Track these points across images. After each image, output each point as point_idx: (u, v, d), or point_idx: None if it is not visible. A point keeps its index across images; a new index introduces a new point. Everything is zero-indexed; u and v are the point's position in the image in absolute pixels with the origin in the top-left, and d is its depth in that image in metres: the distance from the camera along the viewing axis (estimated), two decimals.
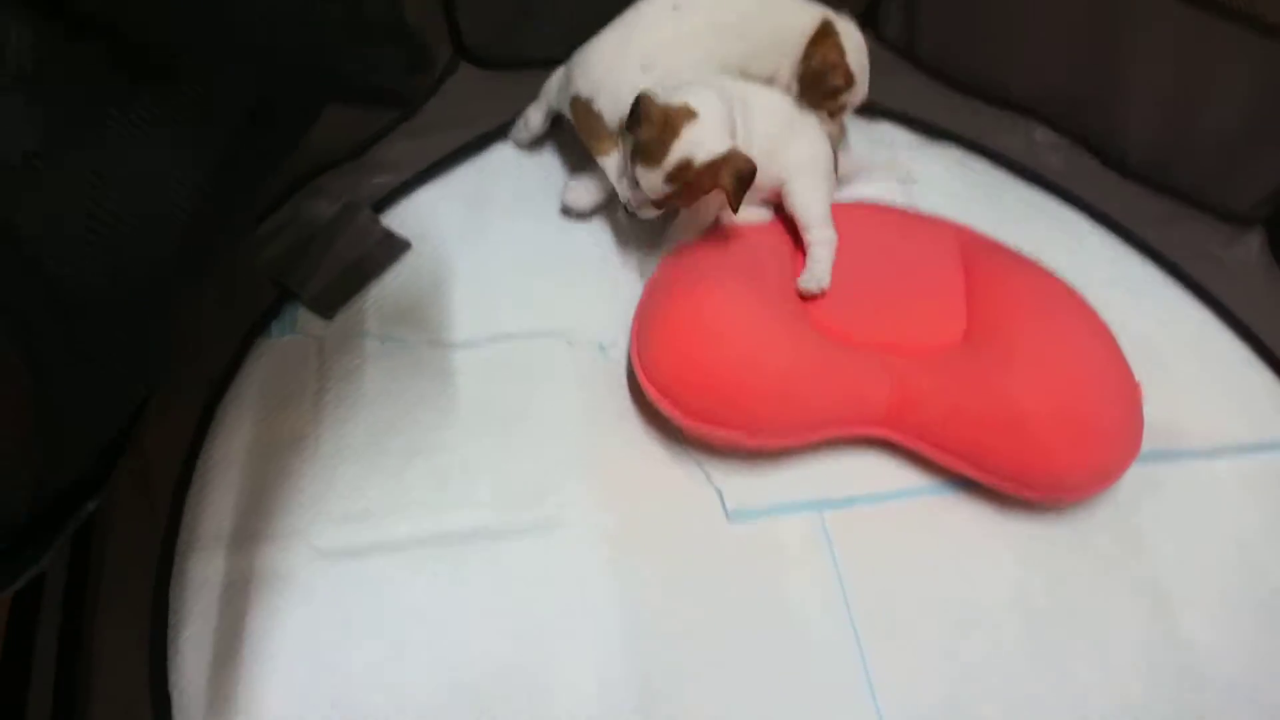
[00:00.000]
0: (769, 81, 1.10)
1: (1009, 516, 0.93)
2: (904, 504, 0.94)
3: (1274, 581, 0.92)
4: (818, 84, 1.07)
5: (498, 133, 1.19)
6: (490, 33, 1.20)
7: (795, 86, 1.09)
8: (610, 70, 1.02)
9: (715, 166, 0.92)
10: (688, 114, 0.91)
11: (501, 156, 1.18)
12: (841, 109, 1.11)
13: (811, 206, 1.02)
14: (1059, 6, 1.13)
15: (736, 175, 0.91)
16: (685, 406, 0.89)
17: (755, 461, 0.94)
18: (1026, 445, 0.88)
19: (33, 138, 0.45)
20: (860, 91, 1.11)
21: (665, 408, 0.90)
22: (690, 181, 0.93)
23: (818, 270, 0.99)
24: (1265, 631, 0.89)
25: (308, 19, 0.54)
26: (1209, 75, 1.07)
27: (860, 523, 0.92)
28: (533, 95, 1.15)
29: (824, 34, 1.07)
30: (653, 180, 0.93)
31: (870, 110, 1.25)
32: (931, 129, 1.25)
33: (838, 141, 1.15)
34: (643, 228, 1.08)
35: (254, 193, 0.64)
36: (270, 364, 0.98)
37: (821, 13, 1.08)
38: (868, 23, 1.31)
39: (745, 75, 1.07)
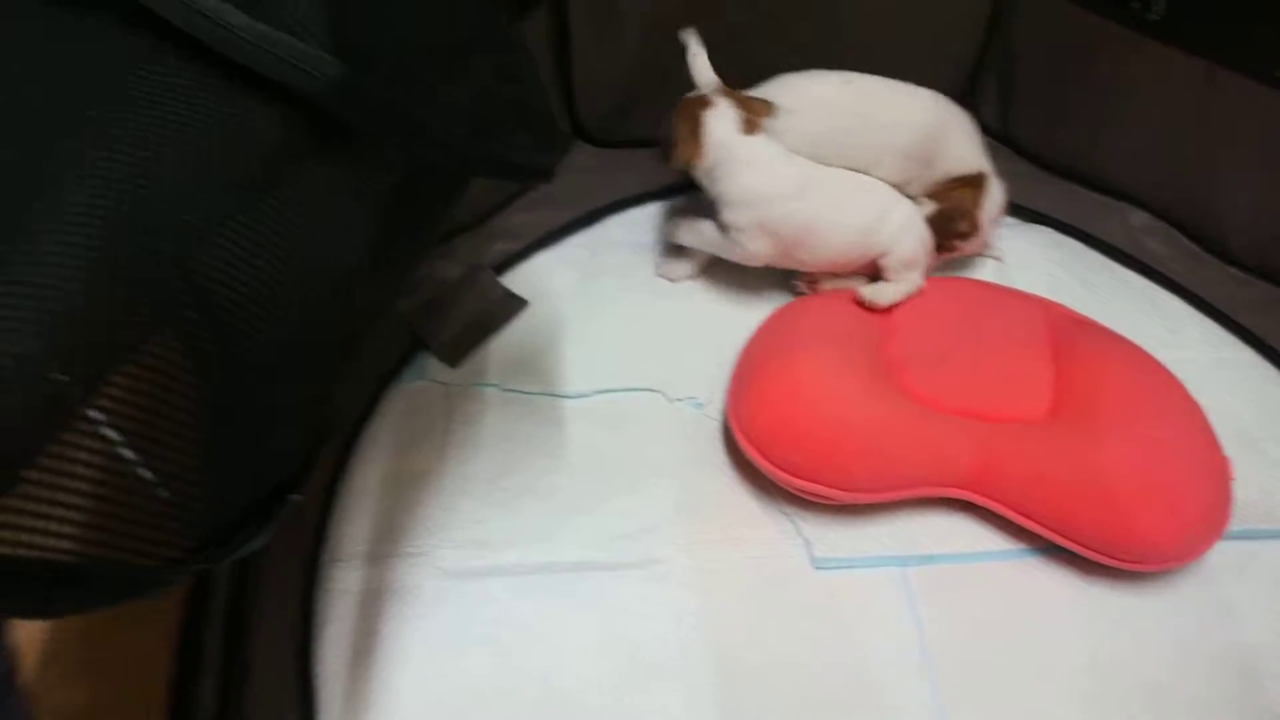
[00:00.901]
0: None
1: (1092, 583, 0.98)
2: (986, 565, 1.00)
3: None
4: (944, 222, 1.18)
5: (608, 208, 1.34)
6: (604, 114, 1.37)
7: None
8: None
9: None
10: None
11: (610, 229, 1.33)
12: (952, 250, 1.21)
13: (905, 258, 1.14)
14: (1153, 93, 1.21)
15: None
16: (778, 461, 0.99)
17: (842, 514, 1.02)
18: (1110, 513, 0.93)
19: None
20: (977, 245, 1.21)
21: (759, 461, 1.00)
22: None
23: (886, 290, 1.12)
24: None
25: (482, 106, 0.67)
26: None
27: (943, 580, 0.99)
28: (642, 173, 1.30)
29: (972, 182, 1.18)
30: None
31: None
32: (1026, 211, 1.34)
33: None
34: (738, 295, 1.24)
35: (417, 252, 0.76)
36: (403, 406, 1.12)
37: (981, 164, 1.19)
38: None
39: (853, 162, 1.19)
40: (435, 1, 0.61)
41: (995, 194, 1.20)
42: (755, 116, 1.13)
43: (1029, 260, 1.30)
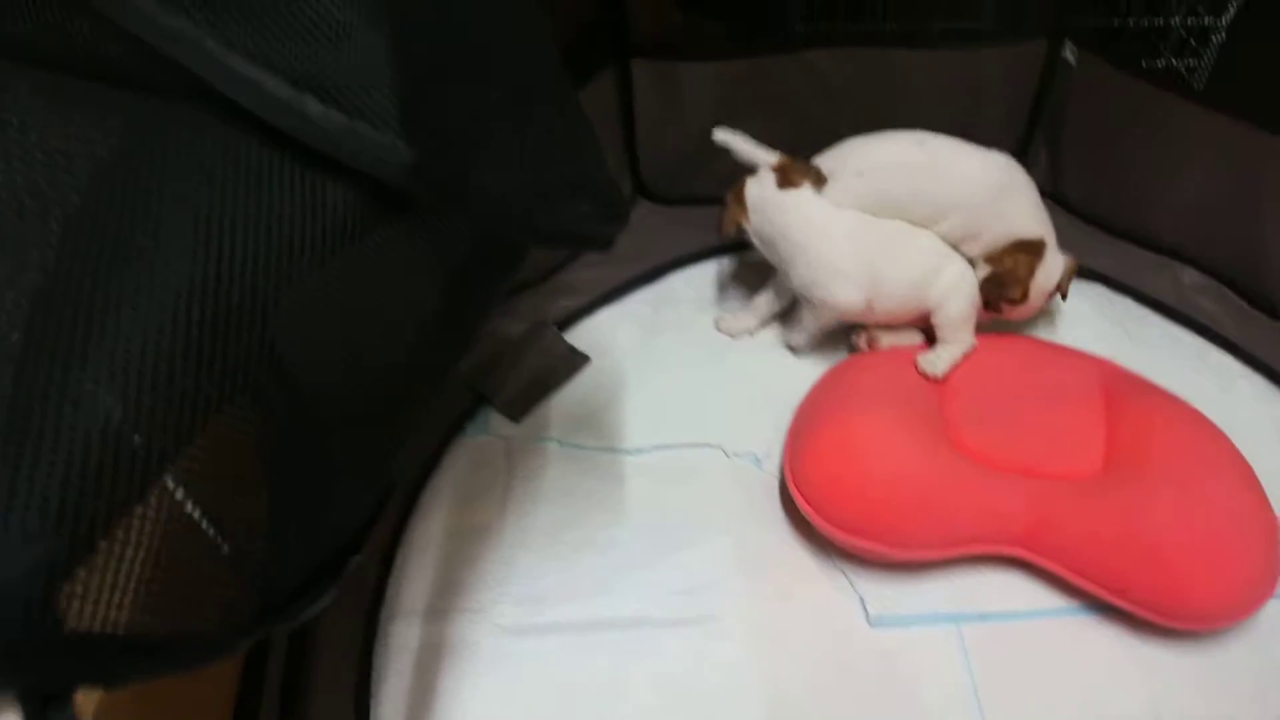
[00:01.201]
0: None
1: (1145, 642, 0.97)
2: (1040, 624, 0.99)
3: None
4: (995, 288, 1.16)
5: (670, 265, 1.36)
6: (666, 173, 1.38)
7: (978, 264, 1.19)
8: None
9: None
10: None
11: (673, 286, 1.35)
12: (999, 313, 1.19)
13: (955, 317, 1.14)
14: (1200, 155, 1.21)
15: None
16: (834, 519, 0.99)
17: (897, 572, 1.02)
18: (1161, 573, 0.93)
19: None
20: (1026, 312, 1.20)
21: (815, 519, 1.01)
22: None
23: (941, 358, 1.12)
24: None
25: (545, 177, 0.67)
26: None
27: (997, 638, 0.98)
28: (704, 229, 1.30)
29: (1030, 248, 1.16)
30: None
31: None
32: (1079, 269, 1.32)
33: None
34: (795, 359, 1.25)
35: (479, 315, 0.76)
36: (465, 460, 1.14)
37: (1042, 232, 1.18)
38: None
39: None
40: (503, 75, 0.61)
41: (1053, 264, 1.18)
42: (795, 176, 1.15)
43: (1081, 316, 1.30)
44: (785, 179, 1.15)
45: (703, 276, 1.36)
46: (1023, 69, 1.31)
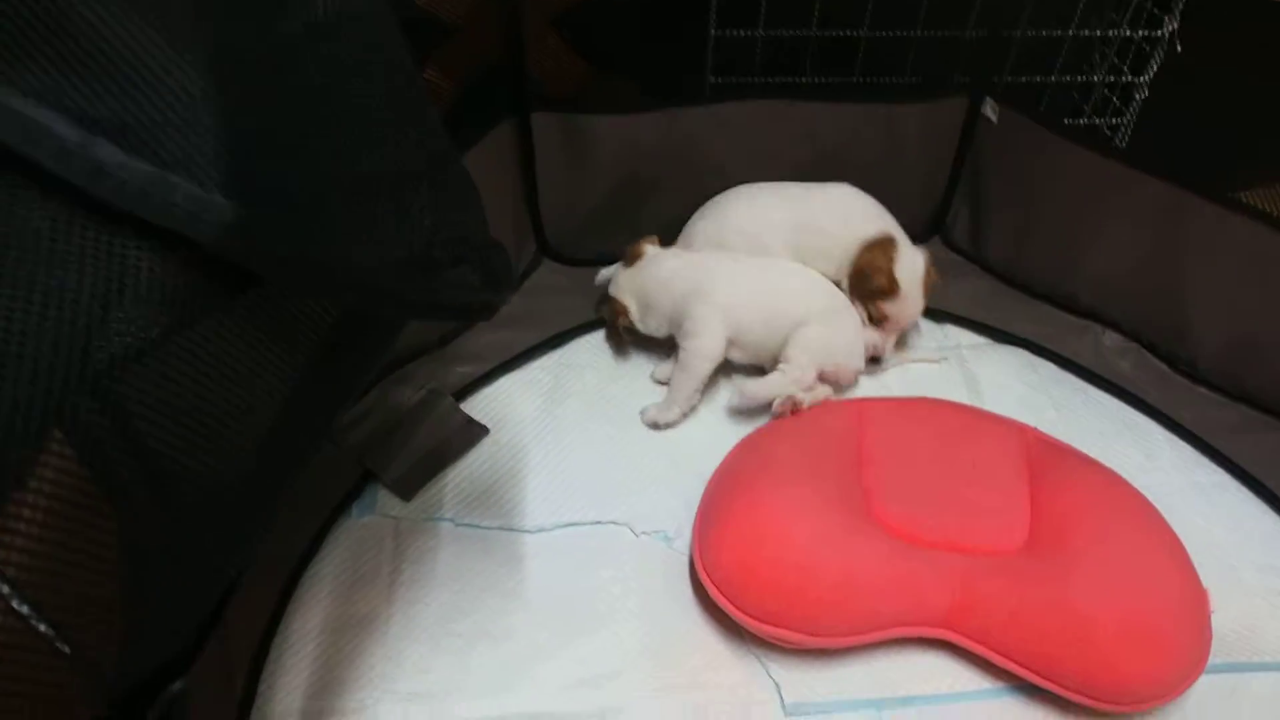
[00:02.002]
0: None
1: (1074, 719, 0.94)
2: (965, 707, 0.95)
3: None
4: (861, 280, 1.22)
5: (574, 330, 1.31)
6: (570, 231, 1.35)
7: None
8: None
9: (606, 297, 1.26)
10: (634, 256, 1.25)
11: (576, 351, 1.30)
12: (885, 319, 1.23)
13: (793, 365, 1.17)
14: (1120, 215, 1.22)
15: (610, 315, 1.24)
16: (744, 606, 0.95)
17: (815, 656, 0.98)
18: (1090, 655, 0.90)
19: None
20: (907, 311, 1.23)
21: (725, 605, 0.96)
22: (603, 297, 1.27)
23: (766, 385, 1.16)
24: None
25: (415, 243, 0.63)
26: (1274, 286, 1.14)
27: None
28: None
29: (880, 243, 1.21)
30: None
31: (936, 313, 1.35)
32: (998, 332, 1.33)
33: (881, 351, 1.26)
34: (709, 422, 1.21)
35: (345, 397, 0.71)
36: (349, 543, 1.07)
37: (887, 229, 1.22)
38: (936, 230, 1.43)
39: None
40: (360, 130, 0.56)
41: (913, 258, 1.24)
42: (635, 251, 1.25)
43: (1002, 382, 1.29)
44: (633, 254, 1.24)
45: (605, 343, 1.33)
46: (942, 126, 1.32)
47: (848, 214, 1.26)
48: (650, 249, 1.25)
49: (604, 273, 1.30)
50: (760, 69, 1.27)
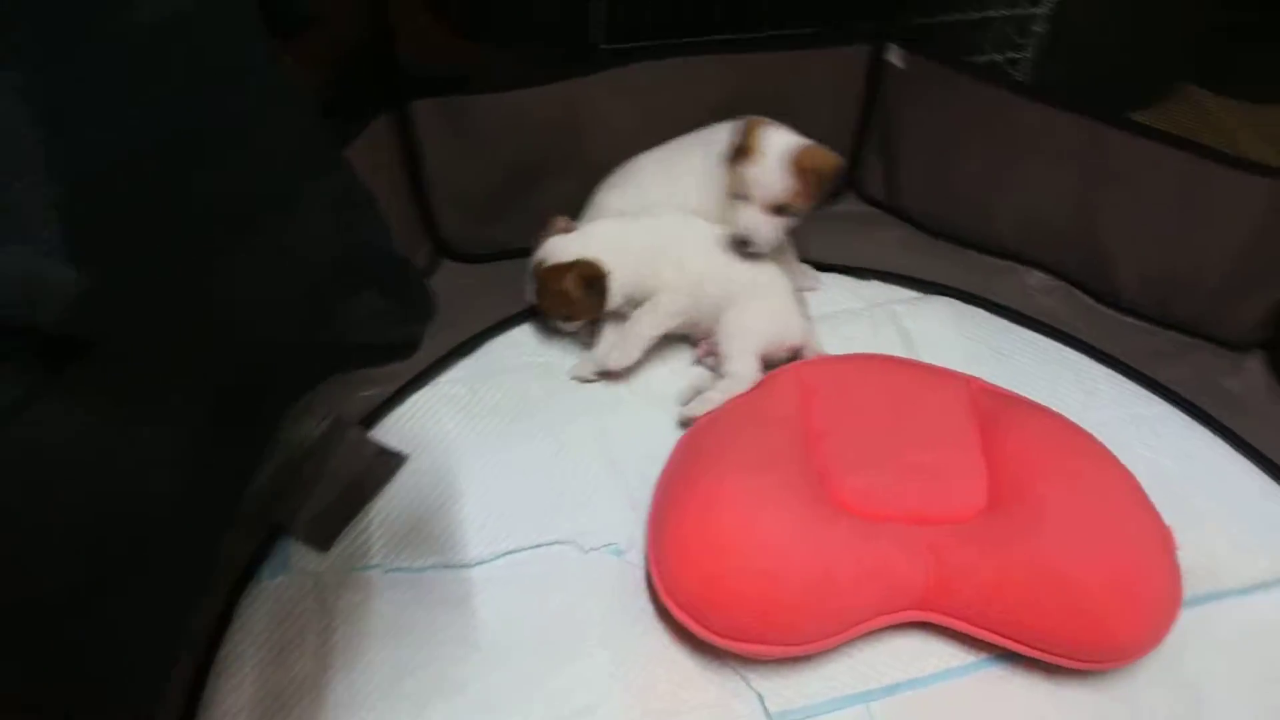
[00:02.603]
0: None
1: (1061, 685, 0.92)
2: (952, 685, 0.93)
3: None
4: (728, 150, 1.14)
5: (487, 332, 1.22)
6: (467, 225, 1.25)
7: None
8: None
9: (560, 270, 1.12)
10: (564, 228, 1.16)
11: (492, 355, 1.21)
12: (746, 190, 1.13)
13: (734, 338, 1.12)
14: (1032, 152, 1.20)
15: (581, 278, 1.12)
16: (714, 625, 0.89)
17: (796, 659, 0.93)
18: (1076, 618, 0.88)
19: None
20: (766, 182, 1.11)
21: (694, 628, 0.90)
22: (541, 281, 1.14)
23: (708, 402, 1.08)
24: None
25: (297, 284, 0.53)
26: (1193, 212, 1.13)
27: (909, 709, 0.91)
28: (518, 287, 1.19)
29: (754, 120, 1.13)
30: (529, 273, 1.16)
31: (860, 270, 1.30)
32: (925, 283, 1.30)
33: (755, 237, 1.15)
34: (646, 418, 1.13)
35: (250, 469, 0.62)
36: (266, 610, 0.96)
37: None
38: (849, 183, 1.38)
39: None
40: (226, 145, 0.46)
41: (784, 136, 1.13)
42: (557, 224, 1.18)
43: (936, 334, 1.25)
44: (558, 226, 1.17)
45: (527, 340, 1.23)
46: (846, 75, 1.27)
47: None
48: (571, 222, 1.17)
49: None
50: (654, 29, 1.18)
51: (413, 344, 0.59)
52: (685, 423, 1.11)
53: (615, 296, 1.15)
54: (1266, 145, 1.08)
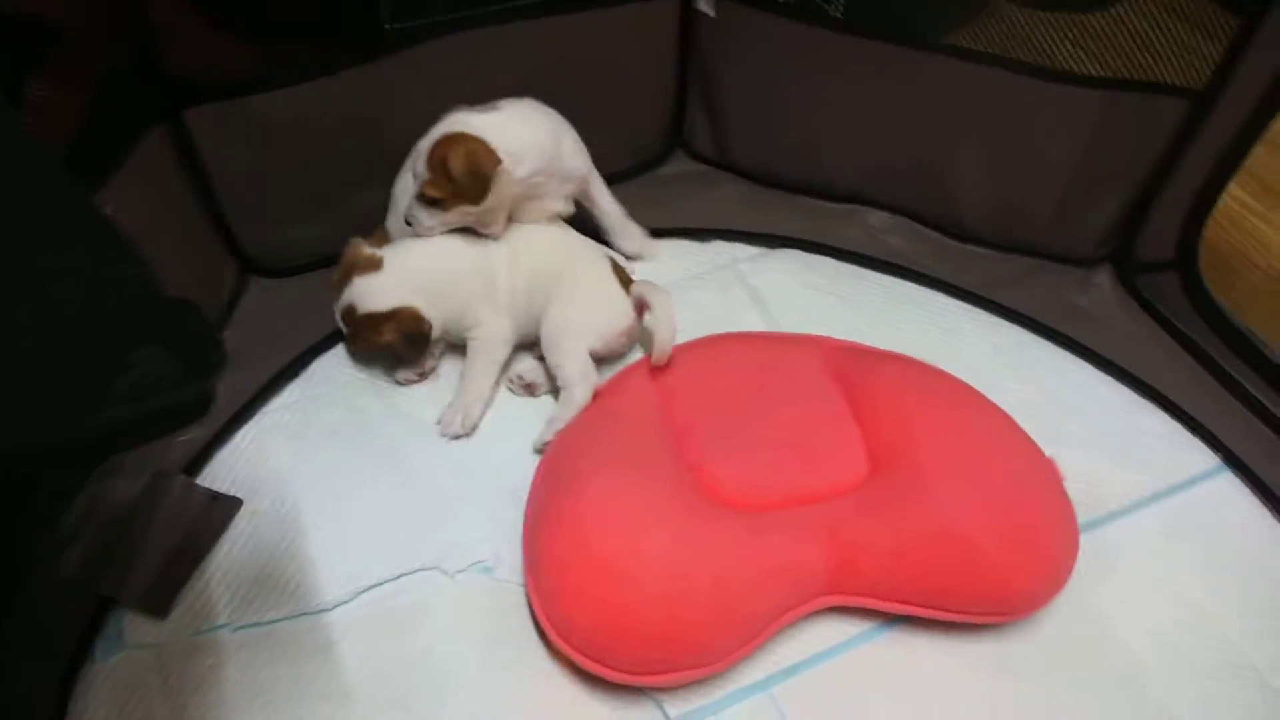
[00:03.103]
0: None
1: (963, 636, 0.91)
2: (852, 655, 0.90)
3: (1223, 631, 0.93)
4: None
5: (309, 352, 1.13)
6: (271, 238, 1.16)
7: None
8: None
9: (376, 320, 1.04)
10: (370, 264, 1.05)
11: (321, 375, 1.12)
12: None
13: (560, 341, 1.06)
14: (855, 84, 1.17)
15: (403, 333, 1.05)
16: (617, 664, 0.84)
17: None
18: (980, 575, 0.86)
19: None
20: (415, 170, 1.05)
21: (595, 669, 0.84)
22: (356, 327, 1.06)
23: (557, 423, 1.02)
24: (1239, 690, 0.90)
25: (52, 350, 0.45)
26: (1021, 130, 1.13)
27: (814, 687, 0.88)
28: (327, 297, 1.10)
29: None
30: (336, 315, 1.07)
31: (700, 231, 1.26)
32: (767, 237, 1.27)
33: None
34: (492, 420, 1.08)
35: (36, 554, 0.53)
36: (104, 695, 0.85)
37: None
38: (677, 143, 1.33)
39: None
40: None
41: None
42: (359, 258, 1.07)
43: (785, 289, 1.23)
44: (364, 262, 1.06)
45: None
46: (658, 28, 1.22)
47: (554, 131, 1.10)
48: (374, 250, 1.07)
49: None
50: (446, 2, 1.09)
51: (205, 402, 0.51)
52: (540, 449, 1.03)
53: (434, 333, 1.08)
54: (1085, 55, 1.07)
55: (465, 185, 1.01)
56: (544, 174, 1.07)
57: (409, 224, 1.06)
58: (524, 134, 1.05)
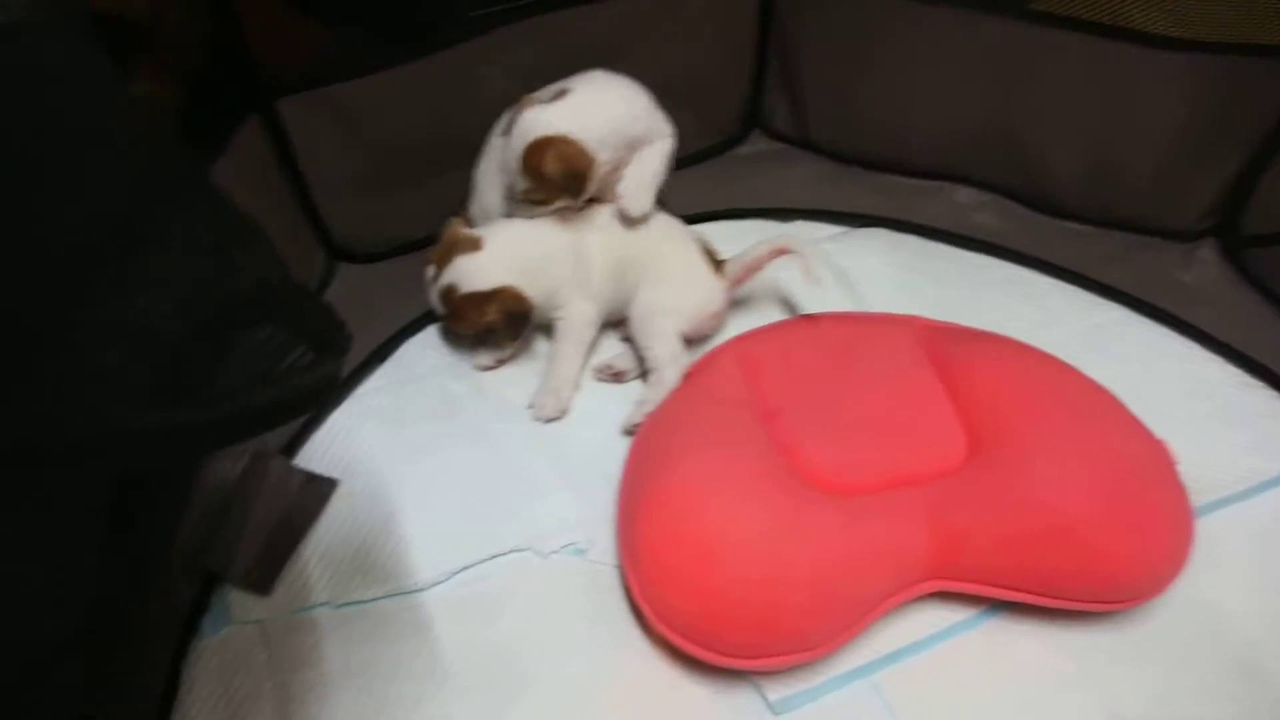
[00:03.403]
0: None
1: (1071, 626, 0.88)
2: (955, 643, 0.88)
3: None
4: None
5: (398, 336, 1.14)
6: (358, 223, 1.17)
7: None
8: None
9: (479, 300, 1.03)
10: (471, 244, 1.04)
11: (409, 359, 1.13)
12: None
13: (651, 323, 1.06)
14: (943, 62, 1.15)
15: (506, 312, 1.04)
16: (721, 648, 0.83)
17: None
18: (1092, 561, 0.83)
19: None
20: (511, 170, 1.05)
21: (699, 654, 0.83)
22: (457, 307, 1.04)
23: (647, 404, 1.02)
24: None
25: (165, 337, 0.46)
26: (1113, 98, 1.09)
27: (916, 675, 0.86)
28: (419, 282, 1.11)
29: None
30: (432, 298, 1.06)
31: (781, 211, 1.25)
32: (851, 216, 1.25)
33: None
34: (586, 407, 1.08)
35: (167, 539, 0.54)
36: (212, 670, 0.87)
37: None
38: (756, 122, 1.32)
39: None
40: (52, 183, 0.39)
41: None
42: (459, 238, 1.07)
43: (872, 269, 1.20)
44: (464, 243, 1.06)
45: (438, 338, 1.16)
46: (736, 4, 1.21)
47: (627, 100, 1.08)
48: (473, 231, 1.07)
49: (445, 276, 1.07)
50: None
51: (331, 383, 0.51)
52: (629, 431, 1.03)
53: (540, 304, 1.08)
54: (1184, 17, 1.02)
55: (566, 186, 1.02)
56: (624, 148, 1.06)
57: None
58: (600, 119, 1.03)
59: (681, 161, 1.25)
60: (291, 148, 1.06)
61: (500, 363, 1.12)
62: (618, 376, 1.10)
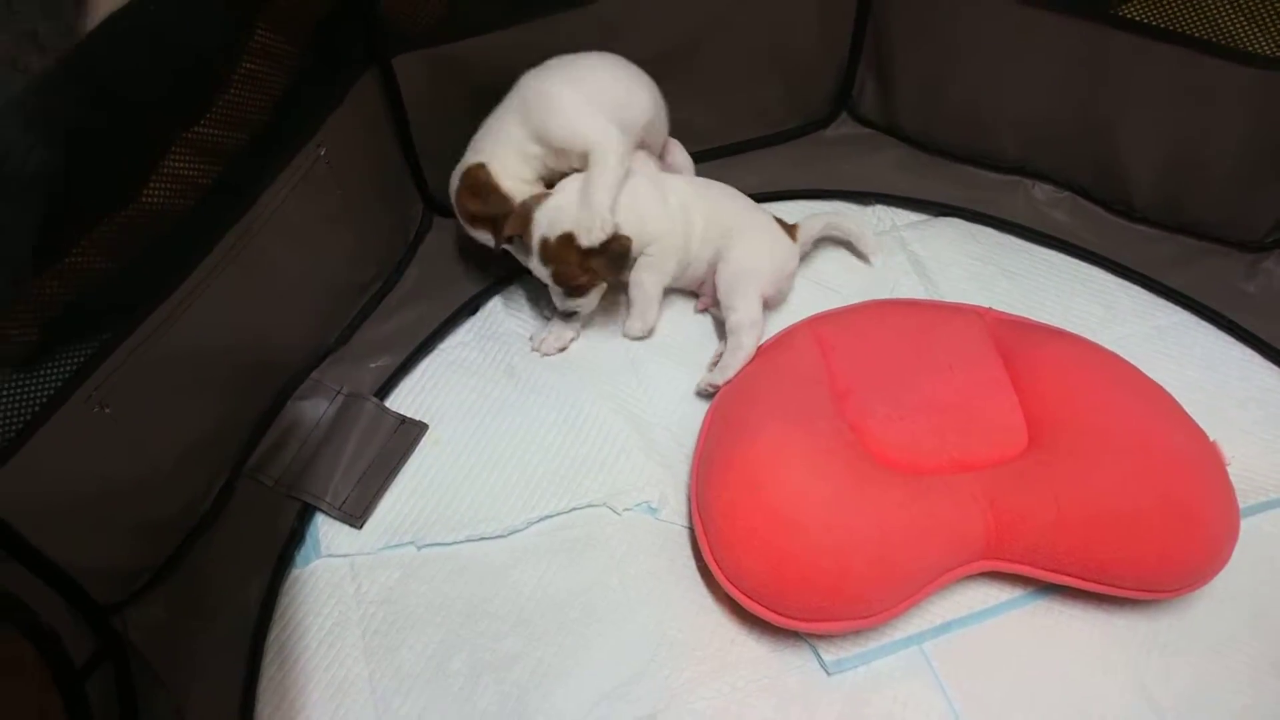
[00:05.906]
0: None
1: (1116, 610, 0.90)
2: (1003, 619, 0.91)
3: None
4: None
5: (487, 291, 1.16)
6: None
7: None
8: None
9: (569, 239, 1.00)
10: (539, 197, 1.03)
11: (497, 315, 1.16)
12: None
13: (737, 282, 1.06)
14: (1028, 53, 1.13)
15: (608, 253, 1.01)
16: (785, 609, 0.86)
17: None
18: (1140, 549, 0.86)
19: None
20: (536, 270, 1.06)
21: (763, 614, 0.87)
22: (557, 255, 1.01)
23: (727, 368, 1.03)
24: None
25: None
26: (1202, 109, 1.08)
27: (964, 647, 0.89)
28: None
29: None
30: (534, 267, 1.04)
31: (863, 195, 1.25)
32: (930, 204, 1.25)
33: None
34: (659, 370, 1.09)
35: None
36: (304, 598, 0.92)
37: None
38: (843, 105, 1.31)
39: None
40: None
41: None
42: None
43: (947, 258, 1.21)
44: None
45: (530, 297, 1.17)
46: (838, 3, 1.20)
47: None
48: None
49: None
50: None
51: None
52: (705, 392, 1.05)
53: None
54: (1263, 32, 1.01)
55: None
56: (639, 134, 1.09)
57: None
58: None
59: (767, 140, 1.26)
60: (401, 103, 1.07)
61: (562, 350, 1.12)
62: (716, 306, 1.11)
